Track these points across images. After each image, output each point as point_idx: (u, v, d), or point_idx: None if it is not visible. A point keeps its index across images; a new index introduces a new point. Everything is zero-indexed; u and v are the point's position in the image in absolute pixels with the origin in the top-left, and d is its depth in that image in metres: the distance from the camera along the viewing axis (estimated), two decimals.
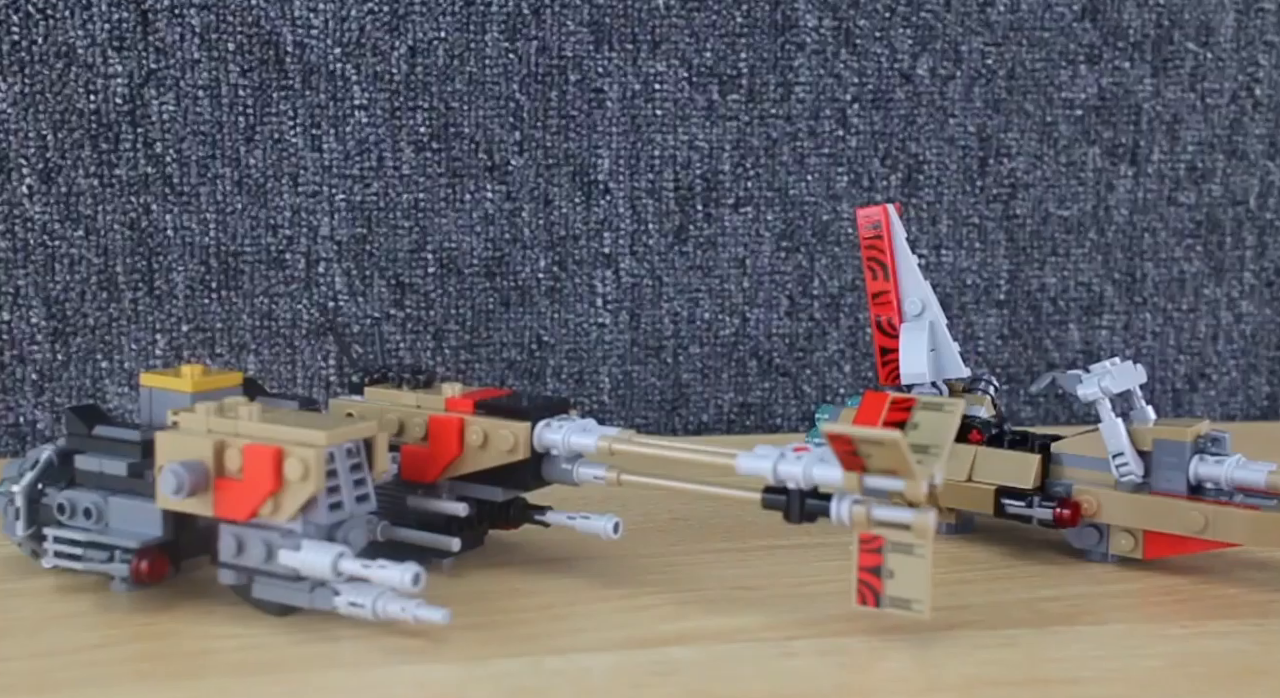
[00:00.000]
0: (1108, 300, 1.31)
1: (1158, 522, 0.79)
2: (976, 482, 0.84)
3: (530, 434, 0.75)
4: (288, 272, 1.17)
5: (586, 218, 1.21)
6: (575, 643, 0.67)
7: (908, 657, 0.66)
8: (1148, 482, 0.80)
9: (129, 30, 1.12)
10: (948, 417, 0.68)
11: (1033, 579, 0.79)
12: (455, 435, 0.76)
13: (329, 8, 1.15)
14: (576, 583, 0.77)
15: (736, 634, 0.69)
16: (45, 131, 1.12)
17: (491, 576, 0.78)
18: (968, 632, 0.69)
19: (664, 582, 0.77)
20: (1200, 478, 0.79)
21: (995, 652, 0.67)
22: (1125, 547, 0.81)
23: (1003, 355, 1.30)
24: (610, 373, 1.23)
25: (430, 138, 1.18)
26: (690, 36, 1.21)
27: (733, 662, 0.65)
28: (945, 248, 1.28)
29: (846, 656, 0.66)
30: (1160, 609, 0.74)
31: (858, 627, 0.69)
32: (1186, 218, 1.32)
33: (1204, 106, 1.30)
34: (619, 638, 0.68)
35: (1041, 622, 0.71)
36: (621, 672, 0.63)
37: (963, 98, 1.26)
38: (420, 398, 0.79)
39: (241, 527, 0.69)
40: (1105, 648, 0.68)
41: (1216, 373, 1.34)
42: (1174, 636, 0.70)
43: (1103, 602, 0.75)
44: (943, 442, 0.67)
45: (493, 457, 0.76)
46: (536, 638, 0.68)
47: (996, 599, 0.75)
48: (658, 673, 0.63)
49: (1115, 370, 0.82)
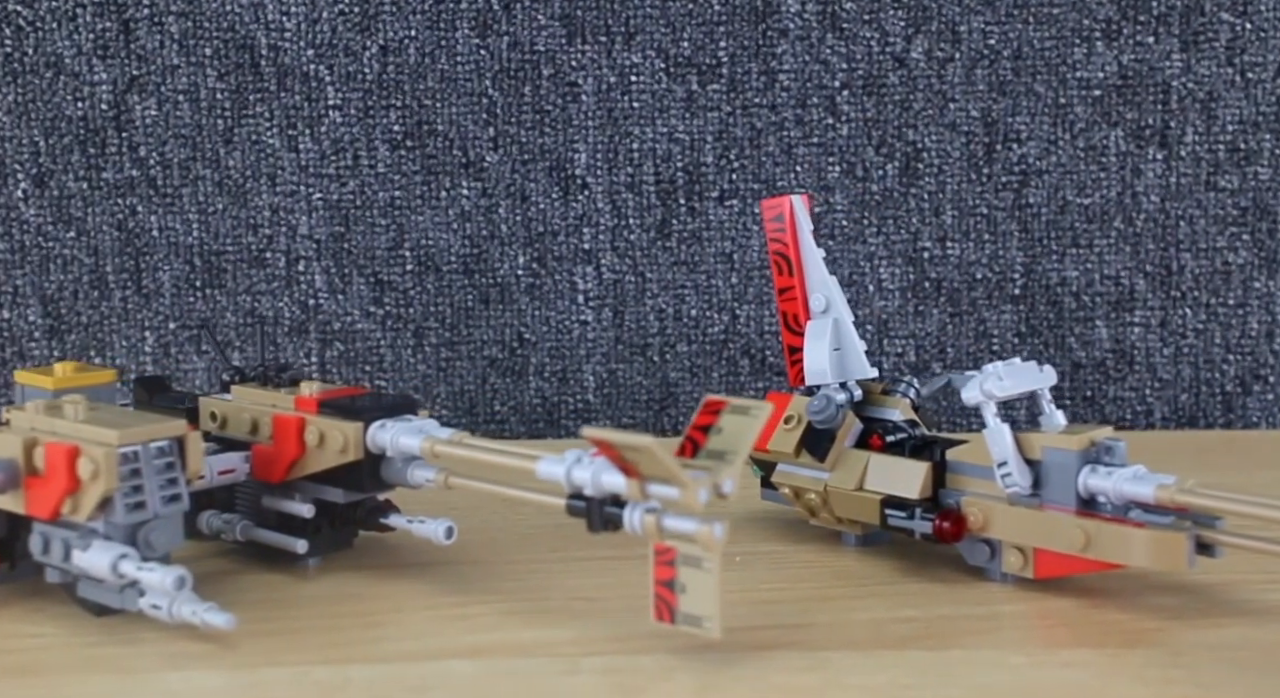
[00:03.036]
0: (1140, 295, 1.22)
1: (1042, 538, 0.73)
2: (866, 491, 0.79)
3: (362, 435, 0.73)
4: (269, 270, 1.18)
5: (565, 214, 1.19)
6: (361, 654, 0.65)
7: (693, 678, 0.62)
8: (1039, 494, 0.74)
9: (112, 39, 1.15)
10: (751, 422, 0.64)
11: (906, 598, 0.73)
12: (295, 435, 0.75)
13: (301, 10, 1.15)
14: (420, 589, 0.75)
15: (535, 648, 0.66)
16: (38, 138, 1.16)
17: (345, 579, 0.77)
18: (778, 653, 0.65)
19: (505, 591, 0.74)
20: (1090, 491, 0.72)
21: (792, 676, 0.62)
22: (1015, 565, 0.75)
23: (1021, 354, 1.22)
24: (595, 371, 1.21)
25: (404, 136, 1.18)
26: (666, 26, 1.17)
27: (506, 678, 0.62)
28: (951, 240, 1.21)
29: (630, 675, 0.63)
30: (1017, 635, 0.68)
31: (664, 644, 0.65)
32: (1229, 204, 1.22)
33: (1244, 82, 1.20)
34: (411, 649, 0.66)
35: (873, 645, 0.66)
36: (379, 685, 0.61)
37: (964, 81, 1.19)
38: (276, 397, 0.78)
39: (49, 525, 0.69)
40: (922, 676, 0.63)
41: (1274, 374, 1.24)
42: (1012, 665, 0.64)
43: (962, 625, 0.70)
44: (739, 448, 0.63)
45: (330, 457, 0.74)
46: (331, 646, 0.66)
47: (846, 619, 0.70)
48: (416, 688, 0.61)
49: (1006, 372, 0.76)
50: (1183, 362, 1.23)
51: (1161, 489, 0.69)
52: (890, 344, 1.21)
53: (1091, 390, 1.22)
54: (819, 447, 0.81)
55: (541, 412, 1.21)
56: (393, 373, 1.19)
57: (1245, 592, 0.73)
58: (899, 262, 1.21)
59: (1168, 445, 1.16)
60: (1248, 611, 0.71)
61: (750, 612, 0.71)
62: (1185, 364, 1.22)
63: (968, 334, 1.22)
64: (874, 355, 1.20)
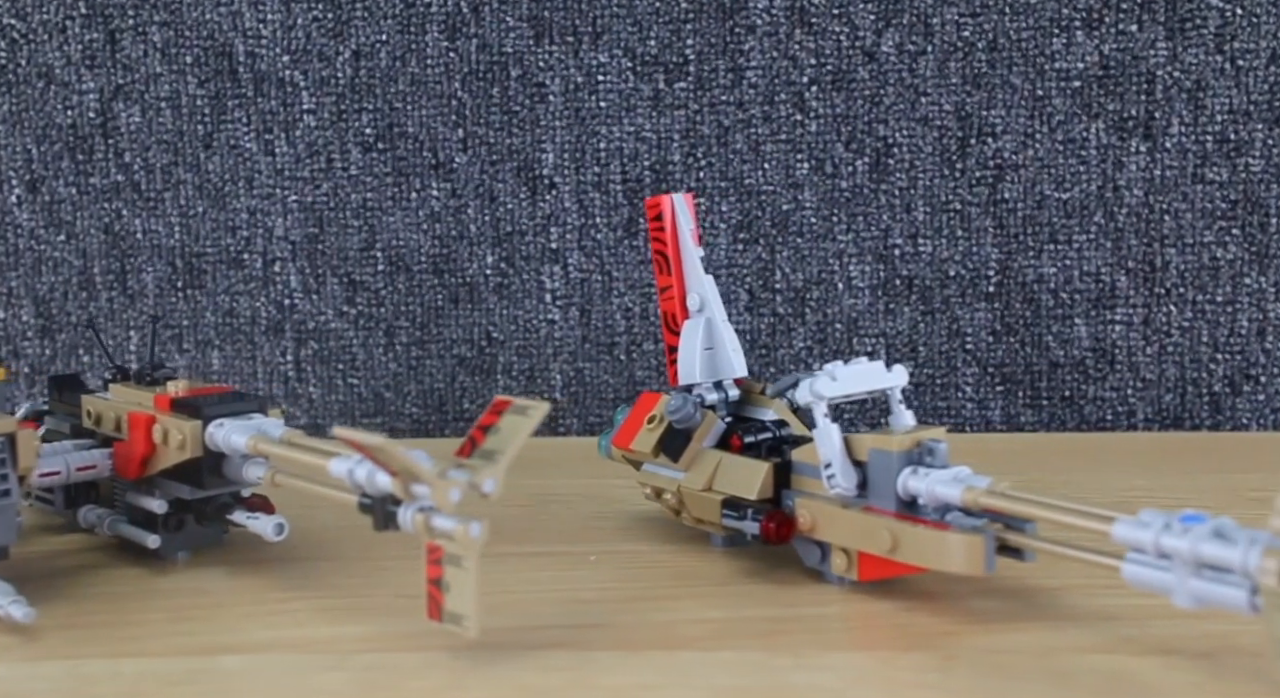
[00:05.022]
0: (1121, 291, 1.18)
1: (858, 540, 0.71)
2: (713, 491, 0.78)
3: (200, 432, 0.76)
4: (246, 271, 1.22)
5: (532, 213, 1.20)
6: (149, 648, 0.67)
7: (445, 677, 0.63)
8: (866, 496, 0.72)
9: (99, 49, 1.20)
10: (526, 422, 0.64)
11: (730, 600, 0.73)
12: (145, 433, 0.78)
13: (276, 17, 1.19)
14: (259, 585, 0.77)
15: (317, 645, 0.67)
16: (30, 145, 1.22)
17: (202, 573, 0.79)
18: (546, 653, 0.65)
19: (338, 587, 0.76)
20: (910, 492, 0.70)
21: (544, 675, 0.62)
22: (841, 567, 0.73)
23: (996, 353, 1.19)
24: (562, 370, 1.22)
25: (376, 138, 1.20)
26: (633, 25, 1.17)
27: (263, 673, 0.64)
28: (923, 237, 1.18)
29: (387, 672, 0.63)
30: (808, 638, 0.67)
31: (440, 642, 0.66)
32: (1218, 197, 1.16)
33: (1234, 70, 1.15)
34: (198, 644, 0.67)
35: (649, 646, 0.66)
36: (141, 680, 0.63)
37: (936, 74, 1.16)
38: (142, 396, 0.81)
39: None
40: (669, 676, 0.62)
41: (1265, 374, 1.18)
42: (774, 666, 0.63)
43: (762, 627, 0.68)
44: (507, 448, 0.63)
45: (174, 454, 0.77)
46: (128, 640, 0.68)
47: (646, 620, 0.70)
48: (173, 683, 0.63)
49: (843, 372, 0.74)
50: (1167, 361, 1.17)
51: (968, 491, 0.67)
52: (860, 343, 1.19)
53: (1070, 390, 1.18)
54: (674, 447, 0.80)
55: None
56: (365, 371, 1.22)
57: (1070, 597, 0.70)
58: (869, 259, 1.19)
59: (1150, 447, 1.11)
60: (1058, 616, 0.68)
61: (554, 611, 0.71)
62: (1170, 363, 1.17)
63: (940, 333, 1.19)
64: (843, 355, 1.18)
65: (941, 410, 1.20)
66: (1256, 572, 0.55)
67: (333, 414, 1.23)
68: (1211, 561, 0.57)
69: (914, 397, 1.20)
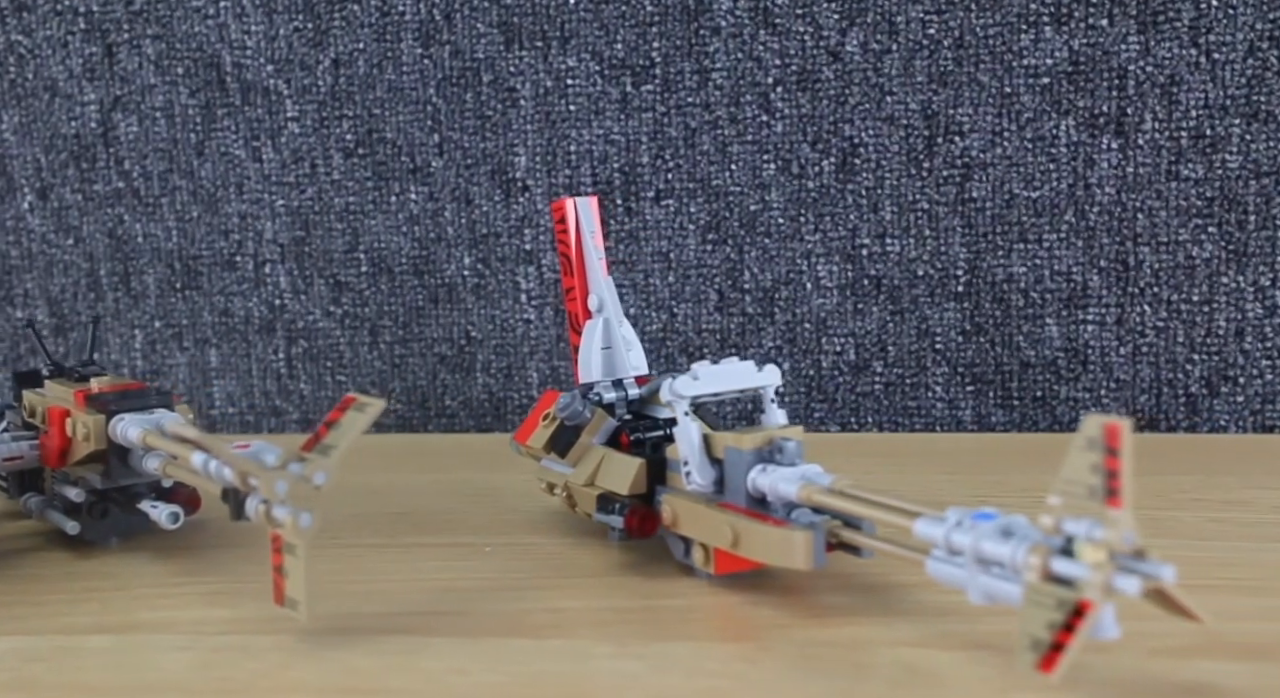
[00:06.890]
0: (1094, 291, 1.16)
1: (708, 535, 0.72)
2: (595, 486, 0.80)
3: (104, 426, 0.80)
4: (239, 273, 1.27)
5: (507, 216, 1.23)
6: (33, 626, 0.71)
7: (276, 658, 0.65)
8: (723, 492, 0.73)
9: (98, 62, 1.26)
10: (361, 418, 0.67)
11: (590, 591, 0.74)
12: (60, 426, 0.82)
13: (260, 29, 1.23)
14: (170, 569, 0.81)
15: (182, 626, 0.70)
16: (39, 155, 1.28)
17: (122, 558, 0.83)
18: (383, 638, 0.67)
19: (237, 574, 0.79)
20: (759, 489, 0.71)
21: (365, 658, 0.65)
22: (700, 560, 0.74)
23: (966, 353, 1.18)
24: (538, 368, 1.24)
25: (356, 144, 1.24)
26: (600, 29, 1.19)
27: (118, 653, 0.67)
28: (890, 237, 1.18)
29: (227, 653, 0.66)
30: (645, 628, 0.68)
31: (304, 626, 0.68)
32: (1193, 194, 1.14)
33: (1210, 64, 1.13)
34: (80, 623, 0.71)
35: (485, 633, 0.68)
36: (10, 657, 0.67)
37: (901, 73, 1.16)
38: (67, 391, 0.85)
39: None
40: (480, 662, 0.64)
41: (1244, 376, 1.15)
42: (592, 654, 0.64)
43: (608, 616, 0.70)
44: (341, 442, 0.66)
45: (83, 447, 0.81)
46: (15, 619, 0.72)
47: (498, 609, 0.72)
48: (36, 660, 0.66)
49: (707, 372, 0.75)
50: (1141, 361, 1.16)
51: (804, 488, 0.68)
52: (829, 343, 1.19)
53: (1042, 391, 1.17)
54: (563, 443, 0.82)
55: (489, 407, 1.25)
56: (351, 369, 1.26)
57: (919, 594, 0.70)
58: (837, 259, 1.19)
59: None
60: (896, 611, 0.68)
61: (421, 599, 0.74)
62: (1144, 364, 1.15)
63: (909, 333, 1.19)
64: (812, 354, 1.19)
65: (912, 410, 1.19)
66: (1023, 567, 0.55)
67: (323, 410, 1.27)
68: (991, 557, 0.57)
69: (884, 396, 1.20)
